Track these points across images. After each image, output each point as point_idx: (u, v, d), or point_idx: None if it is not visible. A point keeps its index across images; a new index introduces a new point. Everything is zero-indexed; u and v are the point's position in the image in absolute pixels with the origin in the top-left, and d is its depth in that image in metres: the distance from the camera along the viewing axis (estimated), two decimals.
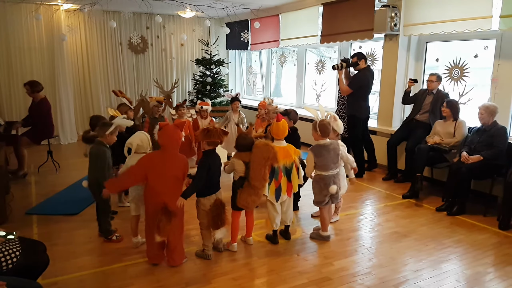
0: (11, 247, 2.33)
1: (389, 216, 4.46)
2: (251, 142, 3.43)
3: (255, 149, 3.37)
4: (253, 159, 3.36)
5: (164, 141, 3.15)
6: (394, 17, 5.62)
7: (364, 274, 3.21)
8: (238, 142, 3.47)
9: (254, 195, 3.38)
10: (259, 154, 3.33)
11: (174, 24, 9.52)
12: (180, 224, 3.24)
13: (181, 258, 3.32)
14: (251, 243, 3.71)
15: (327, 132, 3.60)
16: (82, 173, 5.89)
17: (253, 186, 3.35)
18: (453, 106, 4.88)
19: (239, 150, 3.48)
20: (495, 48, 4.91)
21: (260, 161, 3.31)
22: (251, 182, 3.35)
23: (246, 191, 3.38)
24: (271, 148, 3.35)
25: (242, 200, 3.38)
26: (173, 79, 9.52)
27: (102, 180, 3.57)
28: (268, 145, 3.37)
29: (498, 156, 4.32)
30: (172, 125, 3.21)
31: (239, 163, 3.44)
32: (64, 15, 8.09)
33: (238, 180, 3.46)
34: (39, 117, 5.88)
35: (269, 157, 3.32)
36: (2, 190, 4.23)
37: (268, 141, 3.49)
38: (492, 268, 3.33)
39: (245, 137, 3.49)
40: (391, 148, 5.66)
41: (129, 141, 3.49)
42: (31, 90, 5.85)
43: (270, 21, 8.46)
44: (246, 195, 3.37)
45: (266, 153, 3.31)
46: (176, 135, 3.15)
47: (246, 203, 3.39)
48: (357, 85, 5.65)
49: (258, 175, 3.33)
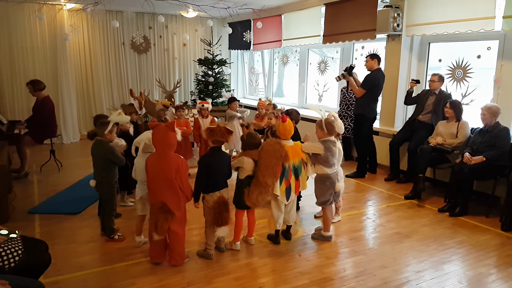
0: (13, 246, 2.34)
1: (391, 216, 4.45)
2: (258, 141, 3.49)
3: (267, 147, 3.41)
4: (264, 156, 3.39)
5: (155, 142, 3.16)
6: (396, 17, 5.61)
7: (366, 274, 3.20)
8: (248, 141, 3.49)
9: (265, 193, 3.42)
10: (271, 152, 3.37)
11: (177, 24, 9.53)
12: (180, 224, 3.24)
13: (182, 258, 3.32)
14: (252, 243, 3.71)
15: (333, 130, 3.63)
16: (84, 172, 5.93)
17: (264, 184, 3.38)
18: (456, 107, 4.87)
19: (248, 148, 3.49)
20: (498, 48, 4.90)
21: (272, 159, 3.36)
22: (262, 179, 3.37)
23: (256, 190, 3.40)
24: (283, 147, 3.41)
25: (253, 199, 3.40)
26: (175, 79, 9.53)
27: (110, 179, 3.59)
28: (280, 144, 3.43)
29: (500, 157, 4.31)
30: (163, 125, 3.16)
31: (248, 162, 3.45)
32: (67, 15, 8.11)
33: (245, 179, 3.47)
34: (42, 116, 5.89)
35: (282, 155, 3.37)
36: (4, 189, 4.24)
37: (279, 140, 3.54)
38: (495, 269, 3.32)
39: (254, 136, 3.54)
40: (393, 148, 5.65)
41: (137, 140, 3.49)
42: (34, 89, 5.88)
43: (272, 21, 8.46)
44: (256, 193, 3.39)
45: (279, 151, 3.37)
46: (166, 136, 3.10)
47: (257, 201, 3.41)
48: (369, 85, 5.63)
49: (270, 172, 3.37)
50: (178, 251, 3.27)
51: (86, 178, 5.69)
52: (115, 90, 9.01)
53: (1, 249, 2.29)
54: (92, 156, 3.68)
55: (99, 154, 3.63)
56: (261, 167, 3.39)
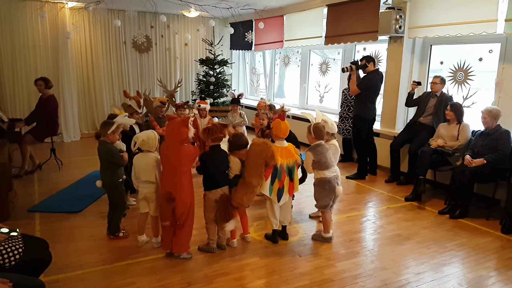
0: (14, 244, 2.34)
1: (391, 218, 4.45)
2: (245, 141, 3.52)
3: (253, 146, 3.42)
4: (250, 156, 3.40)
5: (167, 134, 3.28)
6: (399, 19, 5.61)
7: (366, 276, 3.20)
8: (233, 141, 3.51)
9: (250, 193, 3.40)
10: (257, 152, 3.37)
11: (179, 24, 9.53)
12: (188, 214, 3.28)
13: (185, 247, 3.34)
14: (249, 240, 3.76)
15: (321, 135, 3.67)
16: (85, 171, 5.94)
17: (249, 184, 3.37)
18: (457, 109, 4.87)
19: (235, 149, 3.51)
20: (500, 51, 4.90)
21: (258, 159, 3.36)
22: (247, 179, 3.37)
23: (241, 189, 3.39)
24: (268, 147, 3.39)
25: (238, 198, 3.38)
26: (176, 79, 9.53)
27: (114, 178, 3.59)
28: (266, 144, 3.42)
29: (501, 159, 4.31)
30: (178, 120, 3.28)
31: (235, 161, 3.48)
32: (69, 13, 8.11)
33: (232, 178, 3.49)
34: (46, 114, 5.89)
35: (268, 155, 3.36)
36: (5, 187, 4.24)
37: (266, 140, 3.57)
38: (495, 272, 3.32)
39: (240, 137, 3.56)
40: (394, 150, 5.65)
41: (136, 136, 3.53)
42: (46, 86, 5.93)
43: (274, 21, 8.46)
44: (241, 193, 3.38)
45: (265, 151, 3.35)
46: (179, 130, 3.20)
47: (241, 201, 3.39)
48: (364, 87, 5.63)
49: (255, 173, 3.36)
50: (183, 240, 3.30)
51: (86, 177, 5.69)
52: (116, 89, 9.00)
53: (2, 247, 2.29)
54: (98, 156, 3.69)
55: (102, 155, 3.64)
56: (248, 167, 3.40)
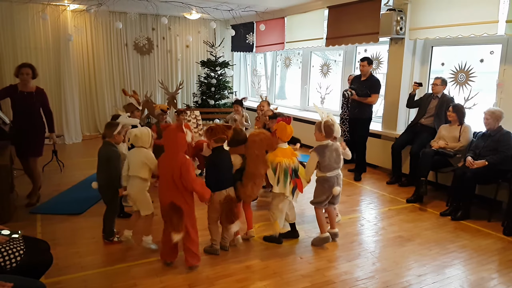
0: (15, 246, 2.34)
1: (393, 220, 4.44)
2: (244, 137, 3.57)
3: (253, 137, 3.49)
4: (251, 147, 3.47)
5: (165, 144, 3.21)
6: (400, 20, 5.62)
7: (368, 278, 3.20)
8: (232, 138, 3.53)
9: (259, 183, 3.57)
10: (257, 142, 3.46)
11: (180, 26, 9.56)
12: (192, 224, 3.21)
13: (197, 258, 3.26)
14: (253, 235, 3.78)
15: (331, 133, 3.64)
16: (87, 172, 5.94)
17: (258, 174, 3.48)
18: (459, 111, 4.87)
19: (233, 145, 3.54)
20: (501, 53, 4.90)
21: (260, 149, 3.46)
22: (255, 170, 3.46)
23: (250, 182, 3.47)
24: (266, 134, 3.53)
25: (248, 191, 3.47)
26: (178, 80, 9.54)
27: (115, 182, 3.58)
28: (263, 132, 3.55)
29: (503, 161, 4.30)
30: (172, 126, 3.24)
31: (235, 157, 3.52)
32: (71, 16, 8.13)
33: (235, 173, 3.52)
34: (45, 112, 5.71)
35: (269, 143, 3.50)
36: (6, 188, 4.24)
37: (262, 129, 3.70)
38: (496, 274, 3.31)
39: (239, 133, 3.60)
40: (395, 151, 5.64)
41: (129, 131, 3.58)
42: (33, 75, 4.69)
43: (275, 23, 8.47)
44: (251, 185, 3.47)
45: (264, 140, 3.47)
46: (176, 137, 3.14)
47: (252, 193, 3.52)
48: (379, 88, 5.73)
49: (261, 161, 3.48)
50: (193, 251, 3.22)
51: (88, 179, 5.69)
52: (117, 91, 9.01)
53: (3, 249, 2.29)
54: (98, 157, 3.67)
55: (101, 157, 3.63)
56: (252, 158, 3.46)
